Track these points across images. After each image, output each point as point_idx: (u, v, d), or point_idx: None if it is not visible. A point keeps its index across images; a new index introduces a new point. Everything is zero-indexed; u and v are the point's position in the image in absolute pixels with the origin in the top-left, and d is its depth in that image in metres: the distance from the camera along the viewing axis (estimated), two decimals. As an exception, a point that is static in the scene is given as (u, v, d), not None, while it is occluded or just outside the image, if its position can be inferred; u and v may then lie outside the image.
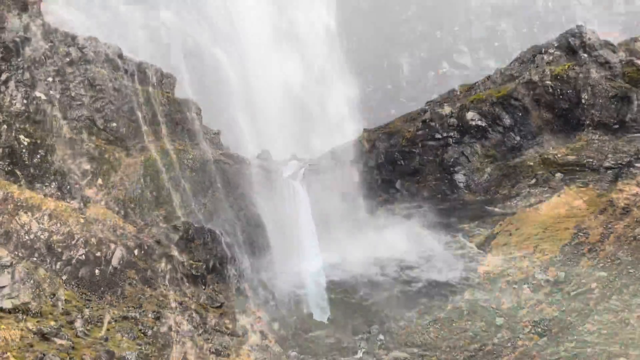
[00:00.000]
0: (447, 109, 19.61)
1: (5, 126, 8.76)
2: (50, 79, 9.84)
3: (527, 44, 17.40)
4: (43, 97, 9.57)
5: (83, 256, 10.94)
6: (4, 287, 9.67)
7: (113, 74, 11.38)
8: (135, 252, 12.00)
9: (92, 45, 10.86)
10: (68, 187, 10.06)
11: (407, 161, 20.22)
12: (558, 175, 18.00)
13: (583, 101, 17.58)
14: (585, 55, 17.61)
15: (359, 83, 20.16)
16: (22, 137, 9.05)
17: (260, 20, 16.09)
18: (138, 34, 12.31)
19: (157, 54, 13.09)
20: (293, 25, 20.03)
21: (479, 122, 19.51)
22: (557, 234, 16.61)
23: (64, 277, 10.74)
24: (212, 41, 14.64)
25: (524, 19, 18.24)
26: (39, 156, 9.40)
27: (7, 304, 9.63)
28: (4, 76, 8.82)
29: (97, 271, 11.28)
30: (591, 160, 17.51)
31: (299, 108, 19.81)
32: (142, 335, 11.14)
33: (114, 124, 11.29)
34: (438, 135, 19.85)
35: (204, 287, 13.91)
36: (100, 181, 10.90)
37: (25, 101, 9.19)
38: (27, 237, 10.07)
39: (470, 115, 19.37)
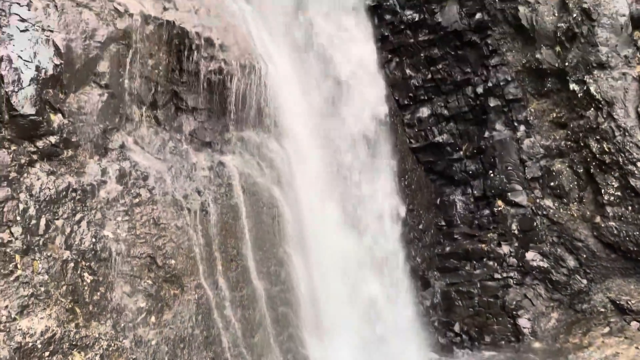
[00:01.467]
0: (505, 248, 19.16)
1: (72, 264, 9.14)
2: (119, 218, 10.42)
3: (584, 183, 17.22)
4: (110, 235, 10.07)
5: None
6: None
7: (177, 212, 11.95)
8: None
9: (161, 187, 11.62)
10: (122, 325, 10.11)
11: (466, 302, 19.39)
12: (634, 324, 16.59)
13: (653, 243, 16.74)
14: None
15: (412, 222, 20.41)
16: (86, 274, 9.39)
17: (316, 166, 17.01)
18: (203, 174, 13.14)
19: (220, 191, 13.78)
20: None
21: (541, 263, 18.69)
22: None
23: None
24: (270, 181, 15.44)
25: (579, 158, 18.31)
26: (99, 294, 9.62)
27: None
28: (77, 216, 9.41)
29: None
30: (671, 307, 16.15)
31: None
32: None
33: (173, 261, 11.58)
34: (497, 276, 19.15)
35: None
36: (153, 319, 10.95)
37: (93, 240, 9.66)
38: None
39: (530, 255, 18.75)
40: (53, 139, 8.95)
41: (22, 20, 8.59)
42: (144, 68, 11.13)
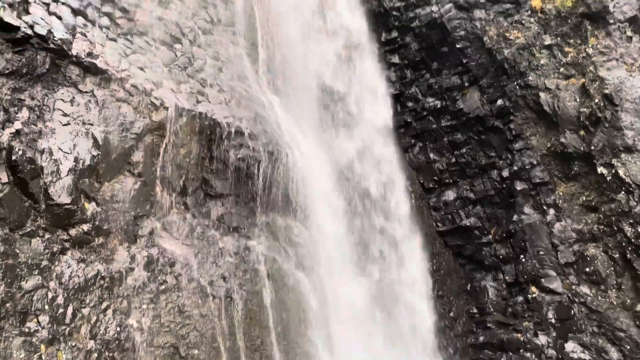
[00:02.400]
0: (542, 339, 18.12)
1: (95, 354, 8.97)
2: (144, 306, 10.33)
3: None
4: (135, 324, 9.94)
5: None
6: None
7: (202, 299, 11.81)
8: None
9: (187, 273, 11.61)
10: (142, 419, 9.71)
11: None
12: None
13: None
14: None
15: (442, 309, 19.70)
16: (108, 364, 9.19)
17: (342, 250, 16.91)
18: (229, 260, 13.11)
19: (245, 277, 13.66)
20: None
21: (582, 355, 17.55)
22: None
23: None
24: (295, 266, 15.31)
25: (614, 243, 17.73)
26: (120, 384, 9.34)
27: None
28: (104, 304, 9.36)
29: None
30: None
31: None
32: None
33: (196, 351, 11.28)
34: (537, 368, 17.98)
35: None
36: (173, 414, 10.51)
37: (118, 328, 9.53)
38: None
39: (570, 346, 17.65)
40: (86, 227, 9.14)
41: (65, 115, 9.12)
42: (176, 156, 11.53)
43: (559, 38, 17.59)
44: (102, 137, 9.60)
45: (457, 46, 19.06)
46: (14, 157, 8.06)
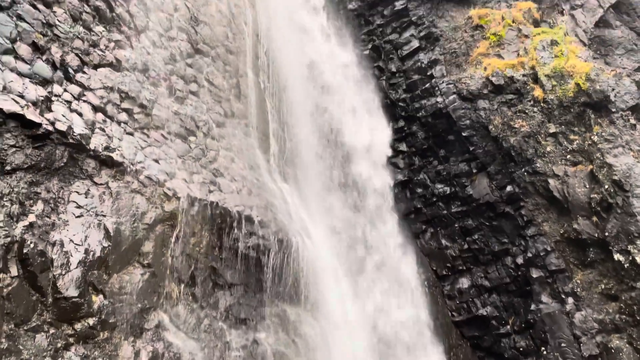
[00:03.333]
0: None
1: None
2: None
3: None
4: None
5: None
6: None
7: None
8: None
9: (192, 369, 11.14)
10: None
11: None
12: None
13: None
14: None
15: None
16: None
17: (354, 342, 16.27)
18: (236, 354, 12.62)
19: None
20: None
21: None
22: None
23: None
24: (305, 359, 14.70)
25: (638, 334, 16.78)
26: None
27: None
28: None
29: None
30: None
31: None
32: None
33: None
34: None
35: None
36: None
37: None
38: None
39: None
40: (91, 321, 8.92)
41: (79, 206, 9.24)
42: (186, 246, 11.49)
43: (563, 126, 17.98)
44: (114, 228, 9.64)
45: (464, 134, 19.51)
46: (25, 250, 8.07)
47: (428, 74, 20.87)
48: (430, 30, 21.38)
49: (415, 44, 21.54)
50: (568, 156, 17.91)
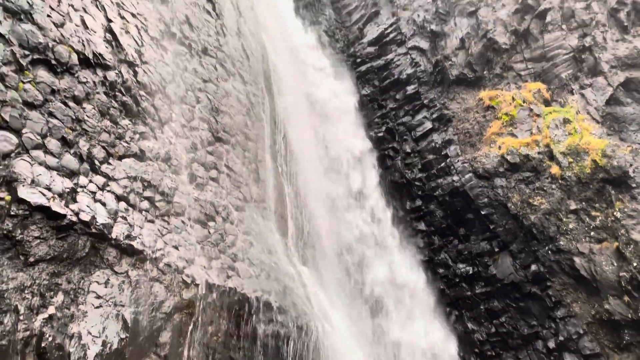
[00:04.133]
0: None
1: None
2: None
3: None
4: None
5: None
6: None
7: None
8: None
9: None
10: None
11: None
12: None
13: None
14: None
15: None
16: None
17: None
18: None
19: None
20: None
21: None
22: None
23: None
24: None
25: None
26: None
27: None
28: None
29: None
30: None
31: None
32: None
33: None
34: None
35: None
36: None
37: None
38: None
39: None
40: (105, 419, 8.56)
41: (98, 297, 9.18)
42: (204, 336, 11.21)
43: (584, 203, 17.78)
44: (132, 319, 9.50)
45: (483, 212, 19.37)
46: (43, 344, 7.94)
47: (443, 153, 21.15)
48: (442, 112, 21.96)
49: (428, 125, 22.06)
50: (592, 233, 17.54)
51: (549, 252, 17.91)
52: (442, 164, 20.92)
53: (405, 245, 20.66)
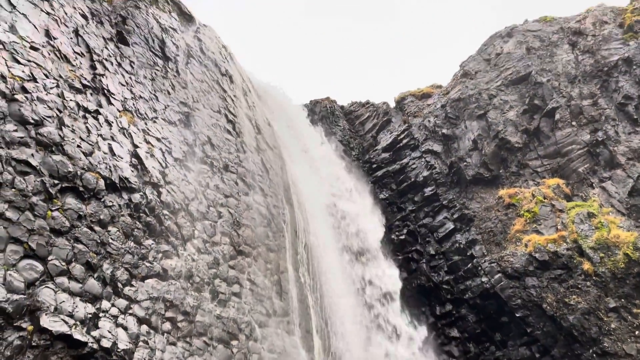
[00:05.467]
0: None
1: None
2: None
3: None
4: None
5: None
6: None
7: None
8: None
9: None
10: None
11: None
12: None
13: None
14: None
15: None
16: None
17: None
18: None
19: None
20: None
21: None
22: None
23: None
24: None
25: None
26: None
27: None
28: None
29: None
30: None
31: None
32: None
33: None
34: None
35: None
36: None
37: None
38: None
39: None
40: None
41: None
42: None
43: (623, 300, 16.87)
44: None
45: (517, 315, 18.42)
46: None
47: (468, 254, 20.69)
48: (462, 212, 21.84)
49: (450, 225, 21.86)
50: (637, 332, 16.42)
51: (594, 355, 16.69)
52: (469, 265, 20.38)
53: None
